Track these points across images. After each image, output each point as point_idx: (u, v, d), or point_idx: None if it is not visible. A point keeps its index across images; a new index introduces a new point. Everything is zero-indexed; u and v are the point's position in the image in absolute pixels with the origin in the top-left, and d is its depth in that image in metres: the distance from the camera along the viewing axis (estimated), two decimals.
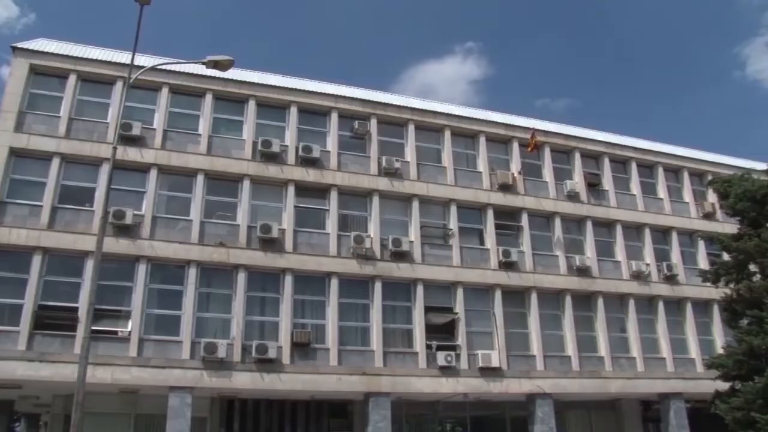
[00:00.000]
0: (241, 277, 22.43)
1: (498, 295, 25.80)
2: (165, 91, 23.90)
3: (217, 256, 22.34)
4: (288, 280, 22.97)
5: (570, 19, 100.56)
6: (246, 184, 23.74)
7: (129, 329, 20.63)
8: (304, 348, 22.28)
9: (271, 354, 21.34)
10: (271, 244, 23.10)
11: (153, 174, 22.68)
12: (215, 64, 15.91)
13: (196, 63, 17.59)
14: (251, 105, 24.95)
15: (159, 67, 21.15)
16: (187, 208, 22.90)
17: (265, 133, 24.69)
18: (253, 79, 25.64)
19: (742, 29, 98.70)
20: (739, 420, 19.43)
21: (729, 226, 25.31)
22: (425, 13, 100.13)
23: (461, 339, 24.53)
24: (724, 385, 21.03)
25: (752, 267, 21.52)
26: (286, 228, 23.60)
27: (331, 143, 25.67)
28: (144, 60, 22.12)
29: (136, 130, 22.62)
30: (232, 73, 23.11)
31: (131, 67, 15.30)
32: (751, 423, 19.06)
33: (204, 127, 24.11)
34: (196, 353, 20.90)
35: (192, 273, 21.91)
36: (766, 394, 18.88)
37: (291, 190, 24.23)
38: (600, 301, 27.52)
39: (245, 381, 21.25)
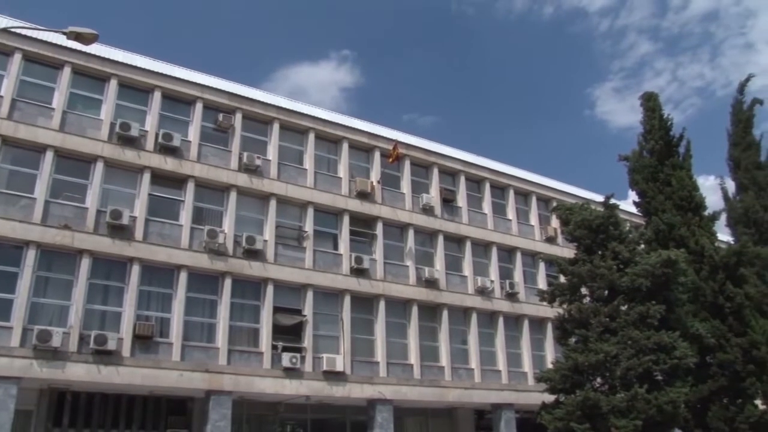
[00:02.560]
0: (85, 263, 21.20)
1: (347, 300, 26.09)
2: (18, 57, 22.03)
3: (60, 239, 20.97)
4: (135, 270, 22.01)
5: (443, 42, 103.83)
6: (99, 167, 22.49)
7: None
8: (146, 341, 21.42)
9: (111, 345, 20.29)
10: (120, 231, 22.04)
11: None
12: (77, 36, 15.10)
13: (56, 32, 16.69)
14: (112, 84, 23.67)
15: (13, 29, 19.76)
16: (32, 185, 21.29)
17: (125, 115, 23.52)
18: (118, 57, 24.31)
19: (594, 73, 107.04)
20: (560, 429, 20.69)
21: (567, 251, 26.86)
22: (305, 16, 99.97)
23: (307, 341, 24.55)
24: (550, 398, 22.24)
25: (584, 290, 22.93)
26: (138, 216, 22.62)
27: (193, 133, 24.93)
28: None
29: None
30: (96, 49, 22.14)
31: None
32: None
33: (59, 101, 22.51)
34: (27, 341, 19.40)
35: (30, 255, 20.37)
36: (584, 407, 20.26)
37: (146, 177, 23.27)
38: (445, 313, 28.51)
39: (80, 373, 20.01)
